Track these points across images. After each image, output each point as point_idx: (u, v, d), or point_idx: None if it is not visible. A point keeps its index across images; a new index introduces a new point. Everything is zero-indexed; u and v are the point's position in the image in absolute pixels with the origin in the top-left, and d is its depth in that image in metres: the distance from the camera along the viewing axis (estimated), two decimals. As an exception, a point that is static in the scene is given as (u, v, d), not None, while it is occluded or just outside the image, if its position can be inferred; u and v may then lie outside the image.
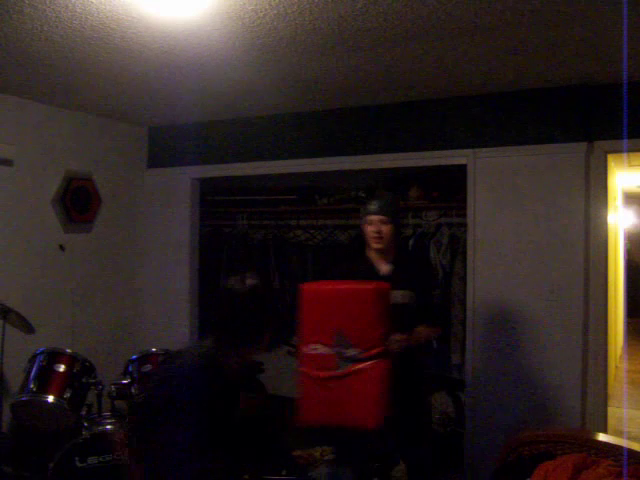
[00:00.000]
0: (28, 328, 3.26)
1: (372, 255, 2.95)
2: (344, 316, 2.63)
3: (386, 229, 2.84)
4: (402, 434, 2.91)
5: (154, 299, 4.77)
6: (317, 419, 2.71)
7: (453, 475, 3.71)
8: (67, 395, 3.09)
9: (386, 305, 2.65)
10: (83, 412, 3.21)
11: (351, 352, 2.60)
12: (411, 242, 4.31)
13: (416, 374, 2.96)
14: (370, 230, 2.87)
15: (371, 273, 2.90)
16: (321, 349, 2.64)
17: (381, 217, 2.84)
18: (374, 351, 2.58)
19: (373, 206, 2.86)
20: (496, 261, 3.61)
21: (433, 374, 4.12)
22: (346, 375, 2.60)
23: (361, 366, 2.59)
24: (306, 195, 4.86)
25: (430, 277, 2.98)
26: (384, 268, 2.92)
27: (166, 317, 4.70)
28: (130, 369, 3.39)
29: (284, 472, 3.80)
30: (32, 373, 3.13)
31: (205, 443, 1.94)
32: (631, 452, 2.36)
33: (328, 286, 2.79)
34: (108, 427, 3.18)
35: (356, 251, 3.09)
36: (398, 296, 2.79)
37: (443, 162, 3.86)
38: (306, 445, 3.72)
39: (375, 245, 2.88)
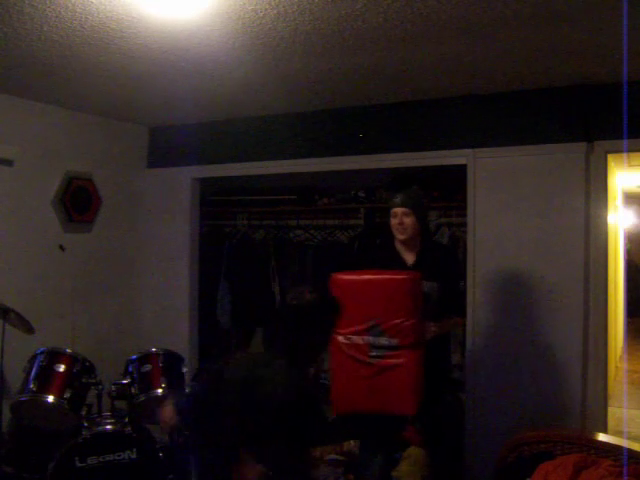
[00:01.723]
0: (28, 328, 3.25)
1: (398, 246, 3.05)
2: (378, 305, 2.68)
3: (408, 220, 2.95)
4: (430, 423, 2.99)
5: (154, 299, 4.76)
6: (353, 407, 2.77)
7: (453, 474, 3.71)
8: (67, 395, 3.09)
9: (419, 294, 2.72)
10: (83, 412, 3.21)
11: (385, 341, 2.66)
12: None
13: (443, 363, 3.06)
14: (394, 222, 2.99)
15: (398, 263, 2.99)
16: (355, 338, 2.69)
17: (403, 209, 2.95)
18: (408, 340, 2.64)
19: (396, 199, 2.98)
20: (496, 261, 3.61)
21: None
22: (381, 363, 2.66)
23: (396, 354, 2.65)
24: (306, 195, 4.86)
25: (455, 268, 3.06)
26: (410, 258, 3.02)
27: (166, 317, 4.70)
28: (130, 369, 3.39)
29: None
30: (32, 373, 3.13)
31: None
32: (631, 452, 2.37)
33: (361, 276, 2.81)
34: (108, 427, 3.18)
35: (383, 243, 3.20)
36: (424, 286, 2.86)
37: (443, 162, 3.86)
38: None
39: (399, 236, 2.99)
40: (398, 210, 2.97)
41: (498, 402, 3.57)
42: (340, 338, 2.73)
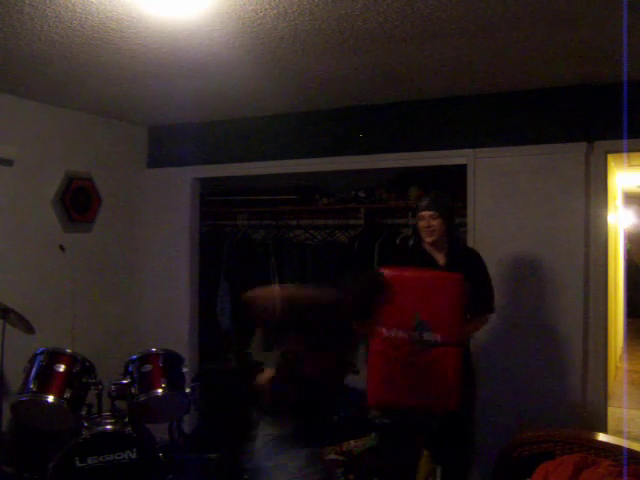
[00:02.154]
0: (28, 328, 3.25)
1: (428, 248, 3.10)
2: (425, 302, 2.75)
3: (436, 223, 3.00)
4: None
5: (154, 299, 4.76)
6: (389, 401, 2.85)
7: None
8: (67, 395, 3.09)
9: (463, 294, 2.78)
10: (83, 412, 3.21)
11: (429, 337, 2.71)
12: (411, 242, 4.30)
13: (466, 363, 3.07)
14: (422, 224, 3.04)
15: (430, 263, 3.04)
16: (399, 333, 2.75)
17: (431, 212, 3.00)
18: (452, 338, 2.72)
19: (424, 202, 3.05)
20: (496, 261, 3.60)
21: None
22: (424, 359, 2.72)
23: (439, 351, 2.71)
24: (306, 195, 4.86)
25: (483, 269, 3.10)
26: (441, 259, 3.07)
27: (166, 317, 4.70)
28: (130, 369, 3.39)
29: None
30: (32, 373, 3.13)
31: None
32: (631, 452, 2.37)
33: (410, 272, 2.88)
34: (108, 427, 3.18)
35: (413, 245, 3.28)
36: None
37: (443, 162, 3.86)
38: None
39: (427, 238, 3.04)
40: (426, 213, 3.02)
41: (498, 402, 3.56)
42: (384, 331, 2.78)
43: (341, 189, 4.81)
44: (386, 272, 2.80)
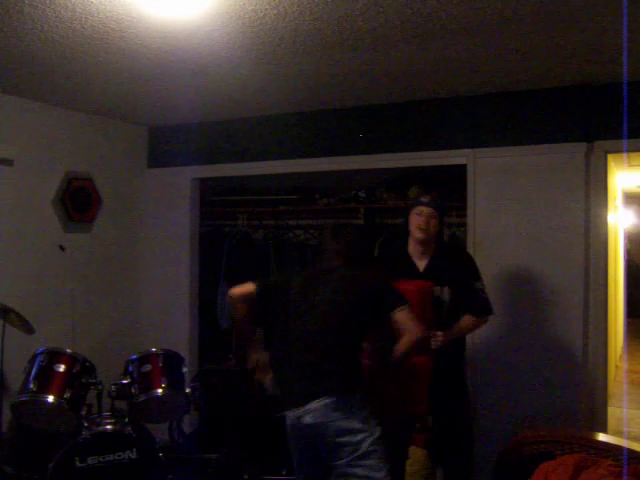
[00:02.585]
0: (28, 328, 3.26)
1: (411, 250, 3.06)
2: None
3: (433, 223, 2.97)
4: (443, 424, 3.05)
5: (154, 299, 4.76)
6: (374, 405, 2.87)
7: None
8: (67, 395, 3.09)
9: (427, 304, 2.79)
10: (83, 412, 3.20)
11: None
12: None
13: (458, 366, 3.12)
14: (418, 219, 2.96)
15: (410, 269, 3.02)
16: (367, 345, 2.76)
17: (431, 210, 2.95)
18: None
19: (425, 198, 2.99)
20: (496, 261, 3.61)
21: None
22: (392, 369, 2.72)
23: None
24: (306, 195, 4.86)
25: (469, 270, 3.04)
26: (422, 264, 3.04)
27: (166, 317, 4.70)
28: (130, 369, 3.39)
29: (284, 472, 3.80)
30: (32, 373, 3.13)
31: None
32: (631, 452, 2.36)
33: None
34: (108, 427, 3.18)
35: (396, 248, 3.23)
36: (436, 291, 2.94)
37: (443, 162, 3.86)
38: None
39: (419, 235, 2.97)
40: (425, 209, 2.96)
41: (498, 402, 3.56)
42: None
43: (341, 189, 4.81)
44: None
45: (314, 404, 2.37)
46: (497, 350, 3.60)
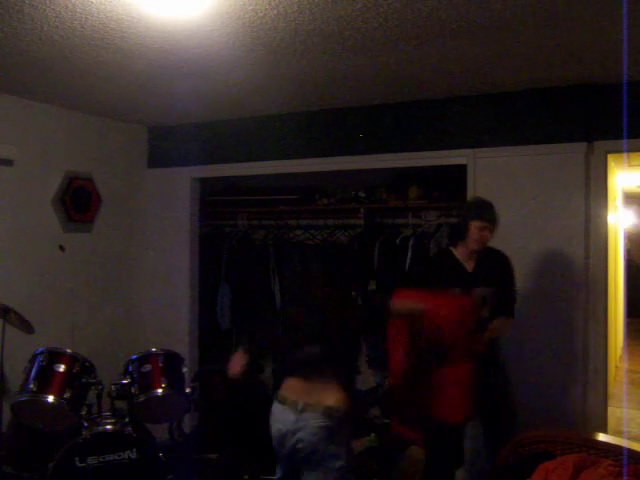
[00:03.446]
0: (28, 328, 3.25)
1: (460, 252, 3.14)
2: (432, 324, 2.87)
3: (490, 236, 3.05)
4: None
5: (154, 299, 4.76)
6: (409, 407, 3.06)
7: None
8: (67, 395, 3.09)
9: (467, 320, 2.90)
10: (83, 412, 3.20)
11: (436, 354, 2.88)
12: (411, 242, 4.31)
13: (497, 370, 3.21)
14: (477, 234, 3.03)
15: (459, 270, 3.11)
16: (409, 351, 2.95)
17: (491, 226, 3.03)
18: (457, 355, 2.86)
19: (490, 215, 3.04)
20: (496, 261, 3.60)
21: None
22: (434, 374, 2.89)
23: (447, 367, 2.87)
24: (306, 195, 4.86)
25: (510, 274, 3.16)
26: (470, 265, 3.12)
27: (166, 317, 4.70)
28: (130, 369, 3.39)
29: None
30: (32, 373, 3.13)
31: None
32: (631, 452, 2.37)
33: (421, 298, 2.91)
34: (108, 427, 3.18)
35: (442, 251, 3.40)
36: (482, 292, 3.04)
37: (443, 162, 3.86)
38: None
39: (475, 246, 3.07)
40: (487, 225, 3.02)
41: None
42: (400, 350, 3.00)
43: (341, 189, 4.81)
44: (398, 297, 2.92)
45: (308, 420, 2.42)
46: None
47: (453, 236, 3.18)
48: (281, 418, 2.49)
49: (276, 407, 2.54)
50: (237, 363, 2.64)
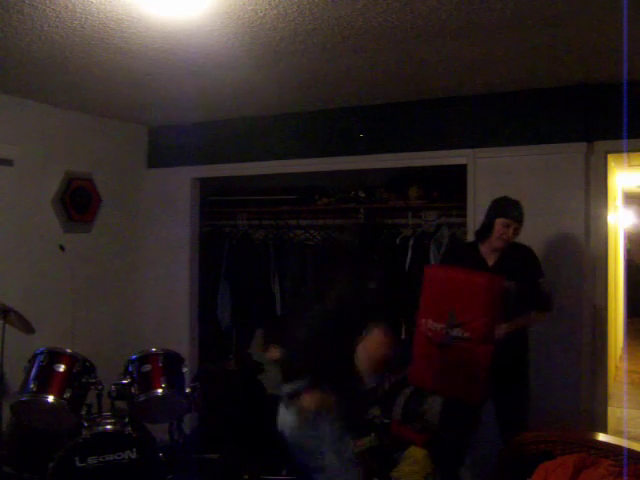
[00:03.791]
0: (28, 328, 3.25)
1: (485, 247, 3.20)
2: (460, 300, 2.96)
3: (515, 233, 3.10)
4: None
5: (154, 299, 4.76)
6: (424, 384, 3.15)
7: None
8: (67, 395, 3.09)
9: (496, 296, 2.93)
10: (83, 412, 3.21)
11: (457, 333, 2.94)
12: (411, 242, 4.31)
13: (521, 357, 3.20)
14: (503, 231, 3.08)
15: (479, 263, 3.17)
16: (434, 324, 3.02)
17: (517, 225, 3.08)
18: (477, 335, 2.90)
19: (514, 213, 3.08)
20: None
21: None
22: (455, 351, 2.94)
23: (468, 346, 2.92)
24: (306, 195, 4.86)
25: (535, 267, 3.17)
26: (491, 259, 3.18)
27: (166, 317, 4.70)
28: (130, 369, 3.39)
29: (284, 472, 3.81)
30: (32, 373, 3.13)
31: None
32: (631, 452, 2.37)
33: (453, 272, 3.12)
34: (108, 427, 3.18)
35: (469, 245, 3.41)
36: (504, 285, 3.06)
37: (443, 162, 3.86)
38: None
39: (499, 244, 3.12)
40: (513, 223, 3.07)
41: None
42: (422, 321, 3.10)
43: (341, 189, 4.81)
44: (432, 269, 3.19)
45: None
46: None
47: (480, 232, 3.22)
48: None
49: None
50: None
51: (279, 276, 4.80)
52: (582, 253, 3.43)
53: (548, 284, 3.16)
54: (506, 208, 3.11)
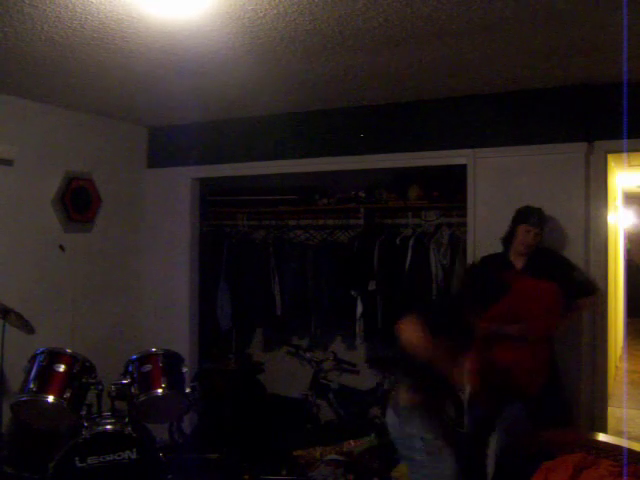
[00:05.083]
0: (28, 328, 3.26)
1: (510, 255, 3.35)
2: (525, 302, 2.97)
3: (537, 239, 3.27)
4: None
5: (154, 299, 4.76)
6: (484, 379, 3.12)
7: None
8: (67, 395, 3.09)
9: (556, 303, 3.00)
10: (83, 412, 3.21)
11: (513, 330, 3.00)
12: (411, 242, 4.31)
13: (557, 403, 3.27)
14: (524, 238, 3.27)
15: (509, 267, 3.31)
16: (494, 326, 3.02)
17: (537, 230, 3.26)
18: (538, 334, 3.00)
19: (534, 219, 3.28)
20: (496, 261, 3.60)
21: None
22: (514, 347, 2.98)
23: (528, 342, 2.98)
24: (306, 195, 4.86)
25: (564, 263, 3.31)
26: (519, 263, 3.31)
27: (166, 317, 4.70)
28: (130, 369, 3.39)
29: (284, 472, 3.81)
30: (32, 373, 3.13)
31: None
32: (631, 452, 2.37)
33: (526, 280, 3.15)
34: (108, 427, 3.19)
35: (496, 254, 3.46)
36: None
37: (443, 162, 3.86)
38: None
39: (522, 249, 3.29)
40: (532, 229, 3.25)
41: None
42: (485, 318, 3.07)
43: (341, 189, 4.81)
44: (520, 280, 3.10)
45: None
46: (497, 350, 3.59)
47: (505, 239, 3.37)
48: None
49: None
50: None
51: (279, 276, 4.80)
52: (582, 253, 3.43)
53: (580, 272, 3.31)
54: (526, 215, 3.29)
